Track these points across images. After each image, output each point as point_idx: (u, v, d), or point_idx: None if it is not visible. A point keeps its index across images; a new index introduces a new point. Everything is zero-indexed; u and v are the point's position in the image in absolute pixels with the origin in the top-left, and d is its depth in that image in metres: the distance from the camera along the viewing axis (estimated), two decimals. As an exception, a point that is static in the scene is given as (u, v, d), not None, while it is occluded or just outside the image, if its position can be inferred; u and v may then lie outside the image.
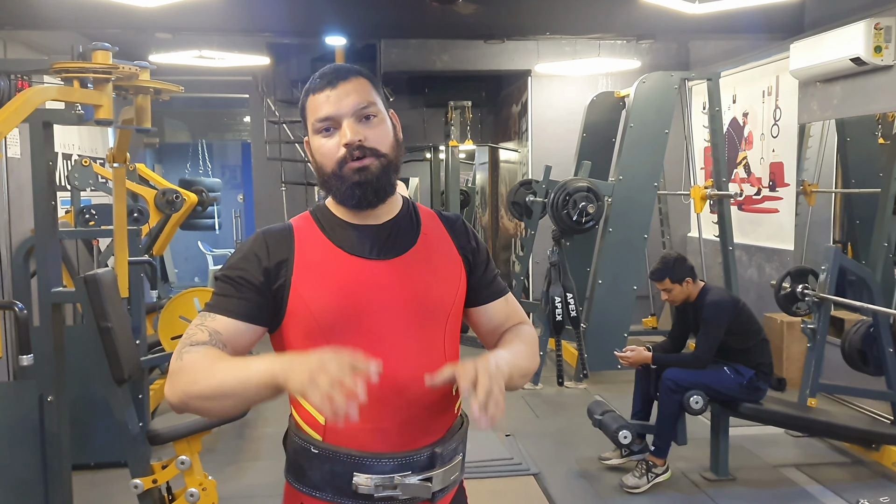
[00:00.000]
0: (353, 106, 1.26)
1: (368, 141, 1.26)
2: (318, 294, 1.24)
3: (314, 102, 1.29)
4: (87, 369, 3.60)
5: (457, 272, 1.37)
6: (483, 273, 1.42)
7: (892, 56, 4.52)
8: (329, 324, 1.23)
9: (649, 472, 3.69)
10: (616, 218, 5.40)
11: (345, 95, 1.26)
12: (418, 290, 1.29)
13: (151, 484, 2.90)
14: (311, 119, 1.29)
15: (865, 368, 4.20)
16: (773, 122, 6.00)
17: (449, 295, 1.34)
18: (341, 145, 1.26)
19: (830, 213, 5.64)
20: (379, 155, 1.27)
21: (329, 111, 1.26)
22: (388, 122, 1.31)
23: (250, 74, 7.82)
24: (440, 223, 1.40)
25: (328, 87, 1.27)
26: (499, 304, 1.45)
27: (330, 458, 1.24)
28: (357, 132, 1.25)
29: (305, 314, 1.24)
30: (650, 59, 7.12)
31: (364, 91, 1.28)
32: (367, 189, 1.26)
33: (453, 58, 7.20)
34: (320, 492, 1.26)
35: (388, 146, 1.29)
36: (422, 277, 1.31)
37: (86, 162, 5.34)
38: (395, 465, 1.24)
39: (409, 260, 1.31)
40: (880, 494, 3.51)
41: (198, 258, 10.34)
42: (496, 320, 1.45)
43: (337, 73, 1.29)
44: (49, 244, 2.89)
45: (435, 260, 1.34)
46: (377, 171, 1.26)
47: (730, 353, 3.71)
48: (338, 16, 5.18)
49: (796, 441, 4.34)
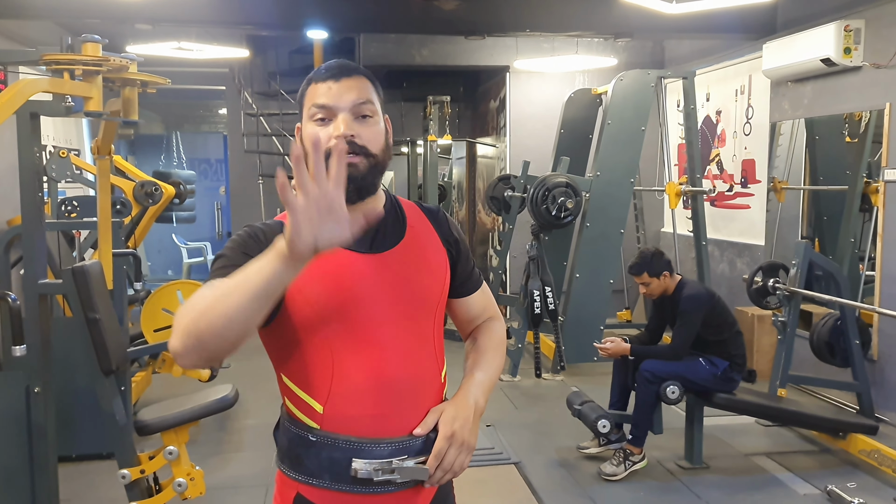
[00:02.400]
0: (352, 101, 1.28)
1: (360, 138, 1.27)
2: (314, 286, 1.25)
3: (314, 90, 1.30)
4: (70, 361, 3.59)
5: (443, 264, 1.40)
6: (464, 264, 1.46)
7: (860, 57, 4.67)
8: (324, 316, 1.25)
9: (626, 461, 3.79)
10: (593, 213, 5.49)
11: (346, 90, 1.28)
12: (409, 283, 1.32)
13: (139, 474, 2.92)
14: (308, 104, 1.30)
15: (833, 360, 4.35)
16: (745, 121, 6.15)
17: (437, 287, 1.38)
18: (333, 137, 1.26)
19: (799, 209, 5.80)
20: (368, 154, 1.28)
21: (327, 100, 1.28)
22: (381, 124, 1.33)
23: (227, 66, 7.78)
24: (423, 215, 1.43)
25: (331, 79, 1.29)
26: (477, 295, 1.50)
27: (328, 445, 1.27)
28: (350, 127, 1.26)
29: (303, 305, 1.25)
30: (626, 58, 7.23)
31: (365, 90, 1.30)
32: (350, 186, 1.22)
33: (432, 52, 7.24)
34: (317, 479, 1.28)
35: (378, 147, 1.30)
36: (412, 271, 1.34)
37: (63, 153, 5.29)
38: (392, 449, 1.27)
39: (398, 253, 1.34)
40: (847, 480, 3.64)
41: (171, 251, 10.25)
42: (473, 311, 1.50)
43: (342, 69, 1.31)
44: (36, 236, 2.88)
45: (423, 253, 1.37)
46: (363, 170, 1.27)
47: (705, 345, 3.82)
48: (319, 9, 5.19)
49: (767, 430, 4.47)
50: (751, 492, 3.65)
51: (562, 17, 5.48)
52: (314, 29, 5.89)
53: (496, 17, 5.45)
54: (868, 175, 5.16)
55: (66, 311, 4.13)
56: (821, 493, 3.57)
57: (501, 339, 1.51)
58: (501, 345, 1.50)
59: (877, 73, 4.58)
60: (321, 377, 1.27)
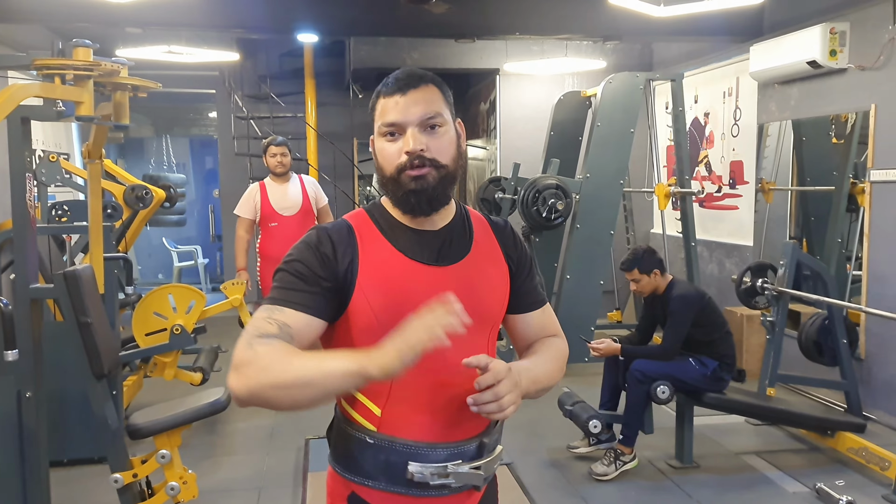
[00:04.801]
0: (420, 115, 1.28)
1: (430, 151, 1.28)
2: (380, 293, 1.27)
3: (383, 105, 1.31)
4: (61, 365, 3.58)
5: (504, 279, 1.41)
6: (525, 280, 1.46)
7: (846, 59, 4.72)
8: (387, 322, 1.24)
9: (617, 461, 3.82)
10: (583, 214, 5.52)
11: (413, 104, 1.28)
12: (472, 297, 1.31)
13: (131, 478, 2.92)
14: (378, 122, 1.31)
15: (821, 359, 4.39)
16: (733, 122, 6.20)
17: (497, 303, 1.40)
18: (403, 152, 1.28)
19: (787, 210, 5.85)
20: (438, 165, 1.29)
21: (396, 117, 1.28)
22: (452, 132, 1.33)
23: (217, 70, 7.77)
24: (489, 228, 1.44)
25: (398, 93, 1.29)
26: (537, 314, 1.48)
27: (385, 447, 1.28)
28: (419, 142, 1.27)
29: (367, 311, 1.27)
30: (615, 60, 7.27)
31: (433, 100, 1.30)
32: (421, 197, 1.29)
33: (423, 55, 7.26)
34: (373, 480, 1.30)
35: (448, 157, 1.31)
36: (475, 285, 1.35)
37: (53, 157, 5.26)
38: (447, 454, 1.29)
39: (463, 267, 1.35)
40: (836, 478, 3.68)
41: (161, 254, 10.22)
42: (532, 330, 1.49)
43: (409, 80, 1.30)
44: (27, 240, 2.88)
45: (486, 268, 1.38)
46: (434, 182, 1.29)
47: (695, 344, 3.85)
48: (310, 13, 5.20)
49: (756, 429, 4.51)
50: (741, 490, 3.69)
51: (551, 20, 5.52)
52: (304, 32, 5.90)
53: (486, 21, 5.48)
54: (854, 176, 5.21)
55: (56, 316, 4.12)
56: (810, 490, 3.60)
57: (560, 351, 1.47)
58: (560, 356, 1.46)
59: (862, 74, 4.63)
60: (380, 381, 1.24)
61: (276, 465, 3.99)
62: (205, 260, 9.98)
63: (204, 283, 9.75)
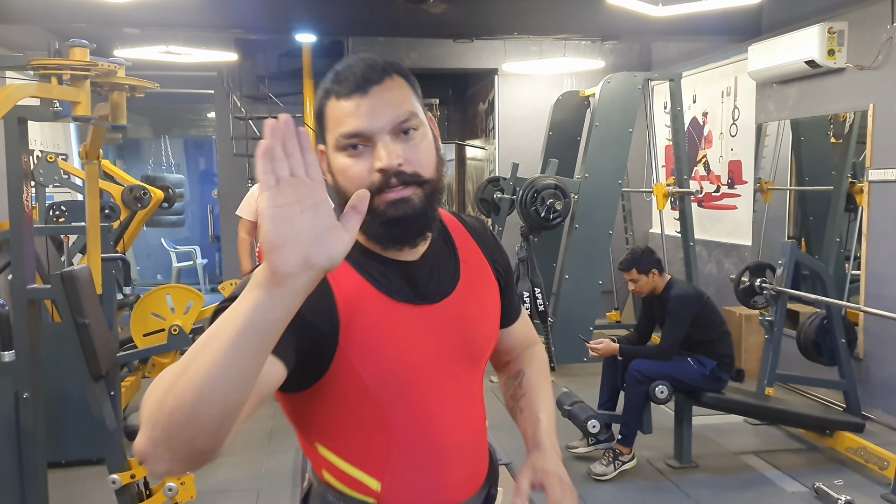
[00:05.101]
0: (391, 119, 1.00)
1: (409, 164, 1.01)
2: (368, 354, 1.03)
3: (338, 111, 1.02)
4: (59, 366, 3.58)
5: (496, 299, 1.23)
6: (510, 292, 1.29)
7: (844, 59, 4.71)
8: (380, 383, 1.05)
9: (616, 460, 3.81)
10: (582, 214, 5.52)
11: (380, 106, 1.00)
12: (467, 334, 1.15)
13: (129, 479, 2.92)
14: (334, 132, 1.03)
15: (819, 359, 4.39)
16: (731, 122, 6.20)
17: (493, 331, 1.22)
18: (374, 170, 1.00)
19: (785, 209, 5.85)
20: (421, 181, 1.02)
21: (359, 125, 1.00)
22: (429, 133, 1.06)
23: (215, 70, 7.76)
24: (468, 235, 1.21)
25: (357, 93, 1.00)
26: (518, 324, 1.35)
27: None
28: (395, 154, 1.00)
29: (352, 378, 1.04)
30: (613, 60, 7.27)
31: (403, 97, 1.03)
32: (407, 227, 1.03)
33: (421, 55, 7.26)
34: None
35: (431, 168, 1.04)
36: (469, 319, 1.15)
37: (51, 158, 5.27)
38: None
39: (456, 300, 1.13)
40: (834, 478, 3.68)
41: (160, 255, 10.21)
42: (515, 340, 1.36)
43: (369, 74, 1.02)
44: (24, 241, 2.88)
45: (479, 293, 1.19)
46: (420, 203, 1.02)
47: (694, 344, 3.85)
48: (308, 12, 5.20)
49: (755, 429, 4.51)
50: (739, 490, 3.69)
51: (549, 20, 5.52)
52: (303, 32, 5.89)
53: (484, 20, 5.48)
54: (853, 175, 5.22)
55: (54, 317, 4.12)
56: (808, 490, 3.60)
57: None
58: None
59: (860, 74, 4.63)
60: (376, 451, 1.09)
61: (274, 467, 3.98)
62: (203, 260, 9.98)
63: (203, 284, 9.74)
